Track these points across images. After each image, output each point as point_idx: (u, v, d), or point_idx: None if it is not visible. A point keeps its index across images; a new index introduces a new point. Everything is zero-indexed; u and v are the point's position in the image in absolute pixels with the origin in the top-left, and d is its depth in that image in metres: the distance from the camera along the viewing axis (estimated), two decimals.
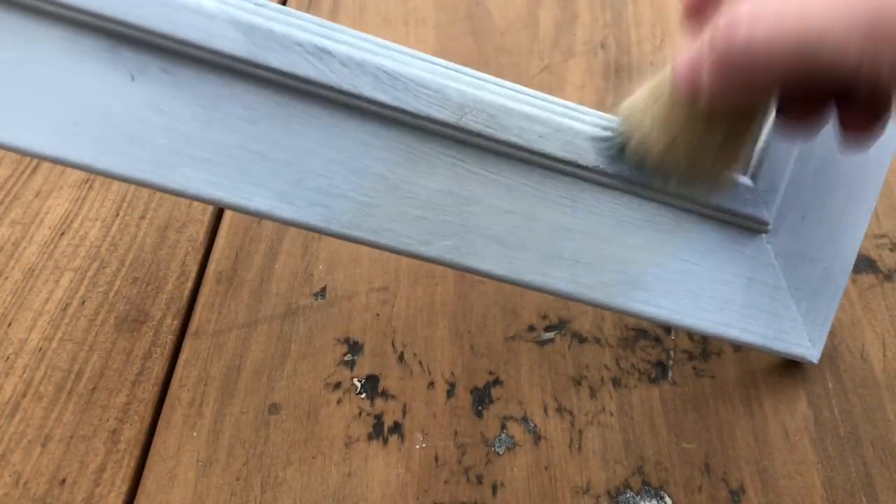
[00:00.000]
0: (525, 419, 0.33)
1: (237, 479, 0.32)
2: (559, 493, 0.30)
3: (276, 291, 0.38)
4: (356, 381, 0.34)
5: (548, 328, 0.35)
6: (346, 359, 0.35)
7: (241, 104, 0.25)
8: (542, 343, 0.35)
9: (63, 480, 0.32)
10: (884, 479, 0.30)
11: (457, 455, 0.32)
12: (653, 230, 0.29)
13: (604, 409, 0.33)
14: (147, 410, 0.34)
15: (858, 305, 0.35)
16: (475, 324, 0.36)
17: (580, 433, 0.32)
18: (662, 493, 0.30)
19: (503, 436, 0.32)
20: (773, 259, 0.30)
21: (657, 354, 0.34)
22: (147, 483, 0.32)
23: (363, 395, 0.34)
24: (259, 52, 0.24)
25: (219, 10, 0.24)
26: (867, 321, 0.34)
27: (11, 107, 0.24)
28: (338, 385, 0.34)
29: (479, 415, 0.33)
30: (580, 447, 0.32)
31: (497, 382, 0.34)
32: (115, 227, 0.41)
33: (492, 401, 0.33)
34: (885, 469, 0.30)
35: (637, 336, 0.35)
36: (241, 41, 0.24)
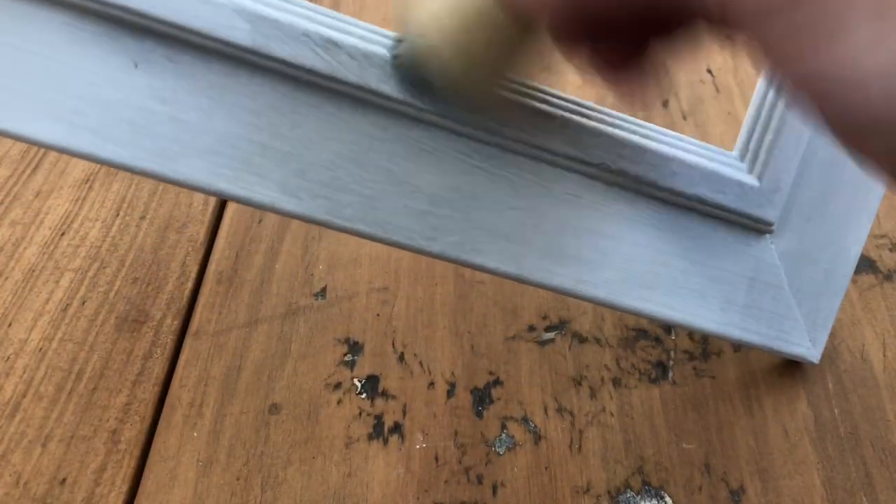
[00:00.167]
0: (525, 419, 0.33)
1: (237, 479, 0.32)
2: (559, 493, 0.30)
3: (277, 291, 0.38)
4: (356, 381, 0.34)
5: (548, 328, 0.35)
6: (347, 359, 0.35)
7: (246, 94, 0.25)
8: (543, 343, 0.35)
9: (63, 480, 0.32)
10: (884, 479, 0.30)
11: (457, 455, 0.32)
12: (657, 228, 0.29)
13: (604, 410, 0.33)
14: (147, 410, 0.34)
15: (858, 305, 0.35)
16: (475, 324, 0.36)
17: (580, 433, 0.32)
18: (662, 493, 0.30)
19: (503, 436, 0.32)
20: (777, 259, 0.30)
21: (657, 354, 0.34)
22: (147, 483, 0.32)
23: (363, 395, 0.34)
24: (265, 42, 0.24)
25: None
26: (867, 321, 0.34)
27: (12, 94, 0.23)
28: (338, 385, 0.34)
29: (480, 415, 0.33)
30: (580, 447, 0.32)
31: (497, 382, 0.34)
32: (116, 228, 0.41)
33: (492, 401, 0.33)
34: (885, 469, 0.30)
35: (637, 336, 0.35)
36: (247, 30, 0.24)
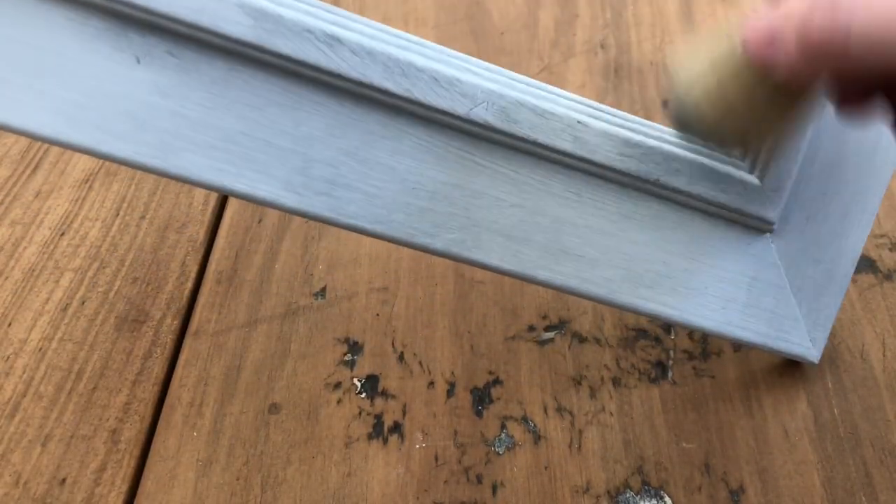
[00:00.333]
0: (525, 419, 0.33)
1: (237, 479, 0.32)
2: (559, 493, 0.30)
3: (276, 291, 0.38)
4: (356, 381, 0.34)
5: (548, 328, 0.35)
6: (346, 359, 0.35)
7: (248, 90, 0.25)
8: (542, 343, 0.35)
9: (63, 480, 0.32)
10: (884, 479, 0.30)
11: (457, 455, 0.32)
12: (658, 227, 0.29)
13: (604, 409, 0.33)
14: (147, 410, 0.34)
15: (858, 305, 0.34)
16: (475, 324, 0.36)
17: (580, 433, 0.32)
18: (662, 493, 0.30)
19: (503, 436, 0.32)
20: (777, 259, 0.30)
21: (657, 354, 0.34)
22: (147, 483, 0.32)
23: (363, 395, 0.34)
24: (268, 38, 0.24)
25: None
26: (867, 321, 0.34)
27: (14, 87, 0.23)
28: (338, 385, 0.34)
29: (479, 415, 0.33)
30: (580, 447, 0.32)
31: (497, 382, 0.34)
32: (115, 227, 0.41)
33: (492, 401, 0.33)
34: (885, 469, 0.30)
35: (637, 336, 0.35)
36: (250, 26, 0.24)
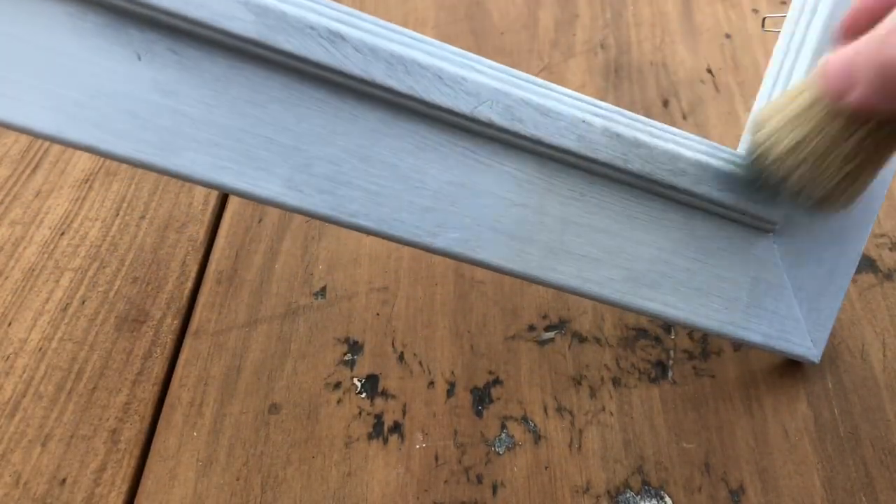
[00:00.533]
0: (525, 419, 0.33)
1: (237, 479, 0.32)
2: (559, 493, 0.30)
3: (276, 291, 0.38)
4: (356, 381, 0.34)
5: (548, 328, 0.35)
6: (346, 358, 0.35)
7: (250, 87, 0.24)
8: (542, 343, 0.35)
9: (63, 480, 0.32)
10: (884, 479, 0.30)
11: (457, 455, 0.32)
12: (661, 226, 0.29)
13: (604, 409, 0.33)
14: (147, 410, 0.34)
15: (858, 305, 0.34)
16: (475, 324, 0.36)
17: (580, 433, 0.32)
18: (662, 493, 0.30)
19: (503, 435, 0.32)
20: (779, 259, 0.30)
21: (657, 354, 0.34)
22: (147, 483, 0.32)
23: (363, 395, 0.34)
24: (270, 35, 0.24)
25: None
26: (867, 321, 0.34)
27: (13, 84, 0.23)
28: (338, 385, 0.34)
29: (479, 414, 0.33)
30: (580, 447, 0.32)
31: (497, 382, 0.34)
32: (115, 227, 0.41)
33: (492, 400, 0.33)
34: (885, 469, 0.30)
35: (637, 336, 0.35)
36: (253, 22, 0.23)
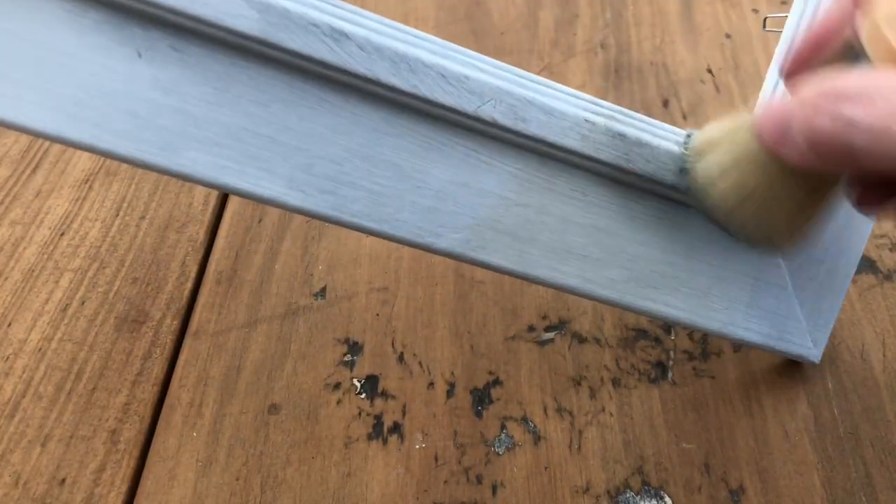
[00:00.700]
0: (525, 419, 0.33)
1: (237, 479, 0.32)
2: (559, 493, 0.30)
3: (276, 291, 0.38)
4: (356, 381, 0.34)
5: (548, 328, 0.35)
6: (346, 359, 0.35)
7: (253, 86, 0.24)
8: (542, 343, 0.35)
9: (63, 480, 0.32)
10: (884, 479, 0.30)
11: (457, 455, 0.32)
12: (662, 227, 0.29)
13: (604, 410, 0.33)
14: (147, 410, 0.34)
15: (858, 305, 0.34)
16: (475, 324, 0.36)
17: (580, 433, 0.32)
18: (662, 493, 0.30)
19: (503, 436, 0.32)
20: (780, 259, 0.30)
21: (657, 354, 0.34)
22: (147, 483, 0.32)
23: (363, 395, 0.34)
24: (273, 32, 0.23)
25: None
26: (867, 321, 0.34)
27: (12, 83, 0.22)
28: (338, 385, 0.34)
29: (479, 415, 0.33)
30: (580, 447, 0.32)
31: (497, 382, 0.34)
32: (115, 228, 0.41)
33: (491, 401, 0.33)
34: (885, 469, 0.30)
35: (637, 336, 0.35)
36: (256, 19, 0.23)
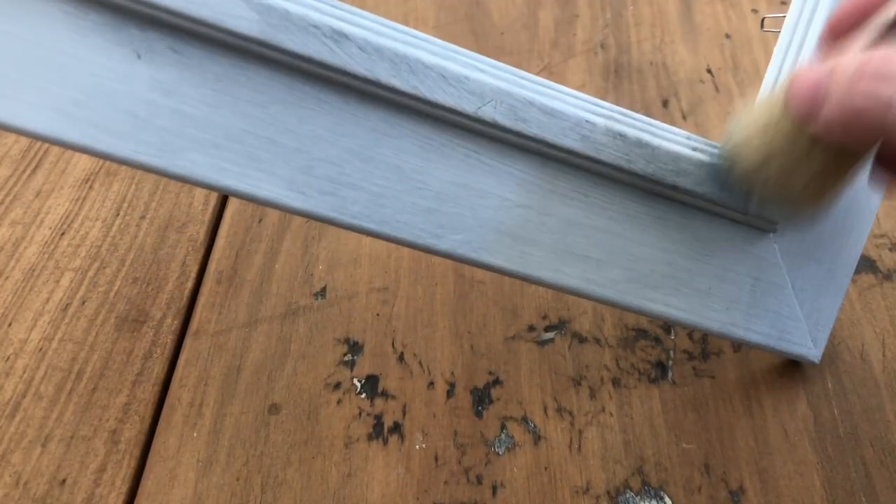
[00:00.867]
0: (525, 419, 0.33)
1: (237, 480, 0.32)
2: (559, 494, 0.30)
3: (276, 291, 0.38)
4: (356, 381, 0.34)
5: (548, 328, 0.35)
6: (346, 359, 0.35)
7: (252, 87, 0.24)
8: (542, 343, 0.35)
9: (63, 481, 0.32)
10: (884, 479, 0.30)
11: (457, 455, 0.32)
12: (663, 227, 0.29)
13: (604, 410, 0.33)
14: (147, 410, 0.34)
15: (858, 305, 0.34)
16: (475, 324, 0.36)
17: (580, 433, 0.32)
18: (662, 494, 0.30)
19: (503, 436, 0.32)
20: (780, 259, 0.30)
21: (657, 354, 0.34)
22: (147, 483, 0.32)
23: (363, 395, 0.34)
24: (273, 34, 0.23)
25: None
26: (867, 321, 0.34)
27: (10, 84, 0.22)
28: (338, 385, 0.34)
29: (479, 415, 0.33)
30: (580, 447, 0.32)
31: (497, 382, 0.34)
32: (116, 227, 0.41)
33: (492, 401, 0.33)
34: (885, 469, 0.30)
35: (637, 336, 0.35)
36: (255, 21, 0.23)
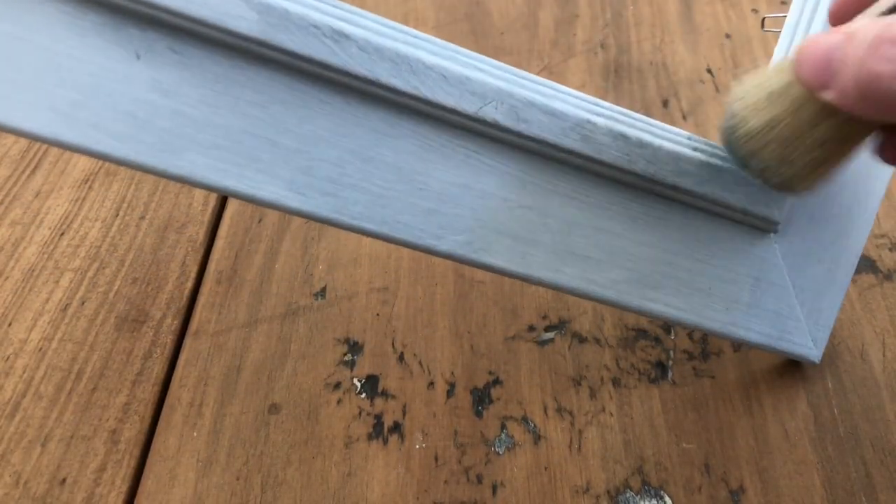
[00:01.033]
0: (525, 419, 0.33)
1: (237, 479, 0.32)
2: (559, 493, 0.30)
3: (276, 291, 0.38)
4: (356, 381, 0.34)
5: (548, 328, 0.35)
6: (346, 359, 0.35)
7: (252, 87, 0.24)
8: (542, 343, 0.35)
9: (63, 480, 0.32)
10: (884, 479, 0.30)
11: (457, 455, 0.32)
12: (663, 227, 0.29)
13: (604, 409, 0.33)
14: (147, 410, 0.34)
15: (858, 305, 0.34)
16: (475, 324, 0.36)
17: (580, 433, 0.32)
18: (662, 493, 0.30)
19: (503, 436, 0.32)
20: (780, 259, 0.30)
21: (657, 354, 0.34)
22: (147, 483, 0.32)
23: (363, 395, 0.34)
24: (273, 33, 0.23)
25: None
26: (867, 321, 0.34)
27: (8, 85, 0.22)
28: (338, 385, 0.34)
29: (479, 415, 0.33)
30: (580, 447, 0.32)
31: (497, 382, 0.34)
32: (115, 228, 0.41)
33: (492, 401, 0.33)
34: (885, 469, 0.30)
35: (637, 336, 0.35)
36: (255, 20, 0.23)
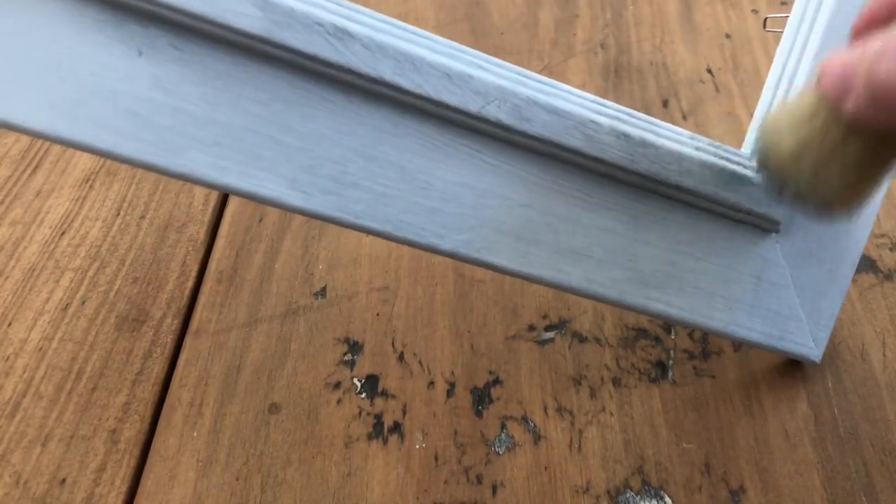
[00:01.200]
0: (525, 419, 0.33)
1: (237, 479, 0.32)
2: (559, 493, 0.30)
3: (277, 291, 0.38)
4: (356, 381, 0.34)
5: (548, 328, 0.35)
6: (346, 358, 0.35)
7: (255, 85, 0.24)
8: (542, 343, 0.35)
9: (63, 480, 0.32)
10: (884, 479, 0.30)
11: (457, 455, 0.32)
12: (665, 227, 0.29)
13: (604, 409, 0.33)
14: (147, 410, 0.34)
15: (858, 305, 0.34)
16: (475, 323, 0.36)
17: (580, 433, 0.32)
18: (662, 493, 0.30)
19: (503, 436, 0.32)
20: (782, 259, 0.30)
21: (657, 354, 0.34)
22: (147, 483, 0.32)
23: (363, 395, 0.34)
24: (276, 31, 0.23)
25: None
26: (867, 321, 0.34)
27: (10, 82, 0.22)
28: (338, 385, 0.34)
29: (479, 414, 0.33)
30: (580, 447, 0.32)
31: (497, 382, 0.34)
32: (116, 227, 0.41)
33: (492, 400, 0.33)
34: (885, 469, 0.30)
35: (637, 336, 0.35)
36: (258, 17, 0.23)
